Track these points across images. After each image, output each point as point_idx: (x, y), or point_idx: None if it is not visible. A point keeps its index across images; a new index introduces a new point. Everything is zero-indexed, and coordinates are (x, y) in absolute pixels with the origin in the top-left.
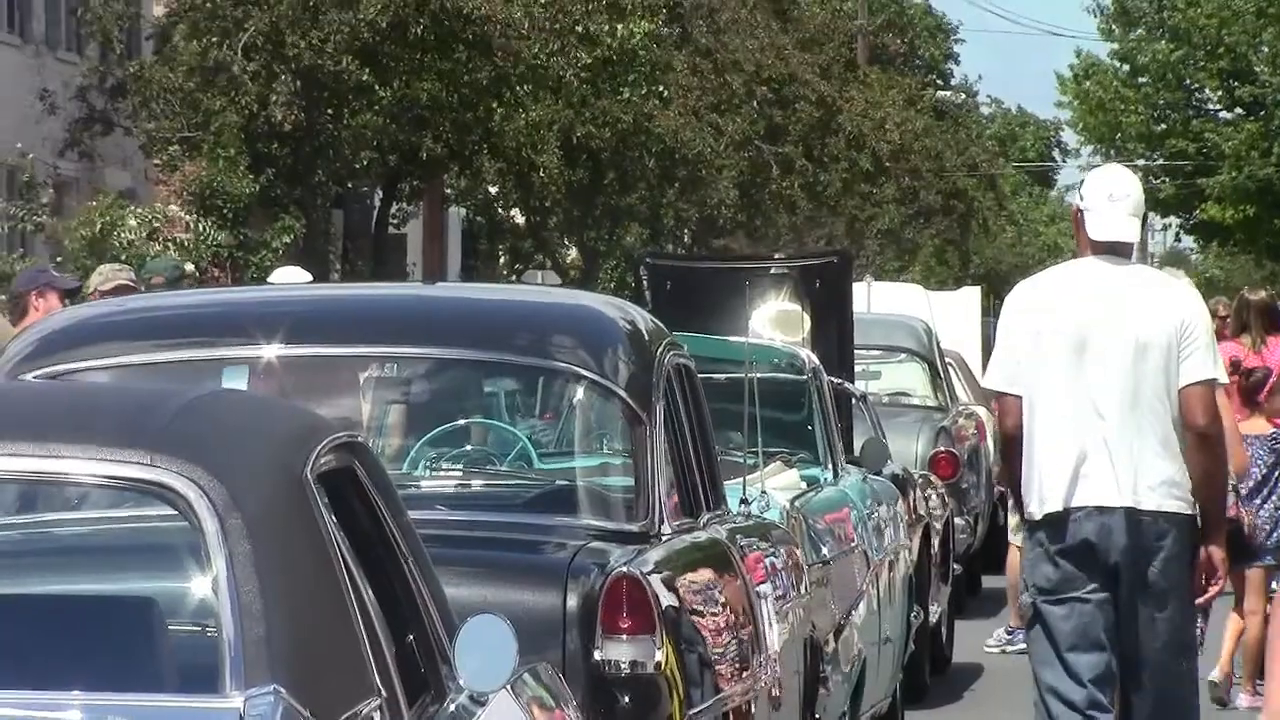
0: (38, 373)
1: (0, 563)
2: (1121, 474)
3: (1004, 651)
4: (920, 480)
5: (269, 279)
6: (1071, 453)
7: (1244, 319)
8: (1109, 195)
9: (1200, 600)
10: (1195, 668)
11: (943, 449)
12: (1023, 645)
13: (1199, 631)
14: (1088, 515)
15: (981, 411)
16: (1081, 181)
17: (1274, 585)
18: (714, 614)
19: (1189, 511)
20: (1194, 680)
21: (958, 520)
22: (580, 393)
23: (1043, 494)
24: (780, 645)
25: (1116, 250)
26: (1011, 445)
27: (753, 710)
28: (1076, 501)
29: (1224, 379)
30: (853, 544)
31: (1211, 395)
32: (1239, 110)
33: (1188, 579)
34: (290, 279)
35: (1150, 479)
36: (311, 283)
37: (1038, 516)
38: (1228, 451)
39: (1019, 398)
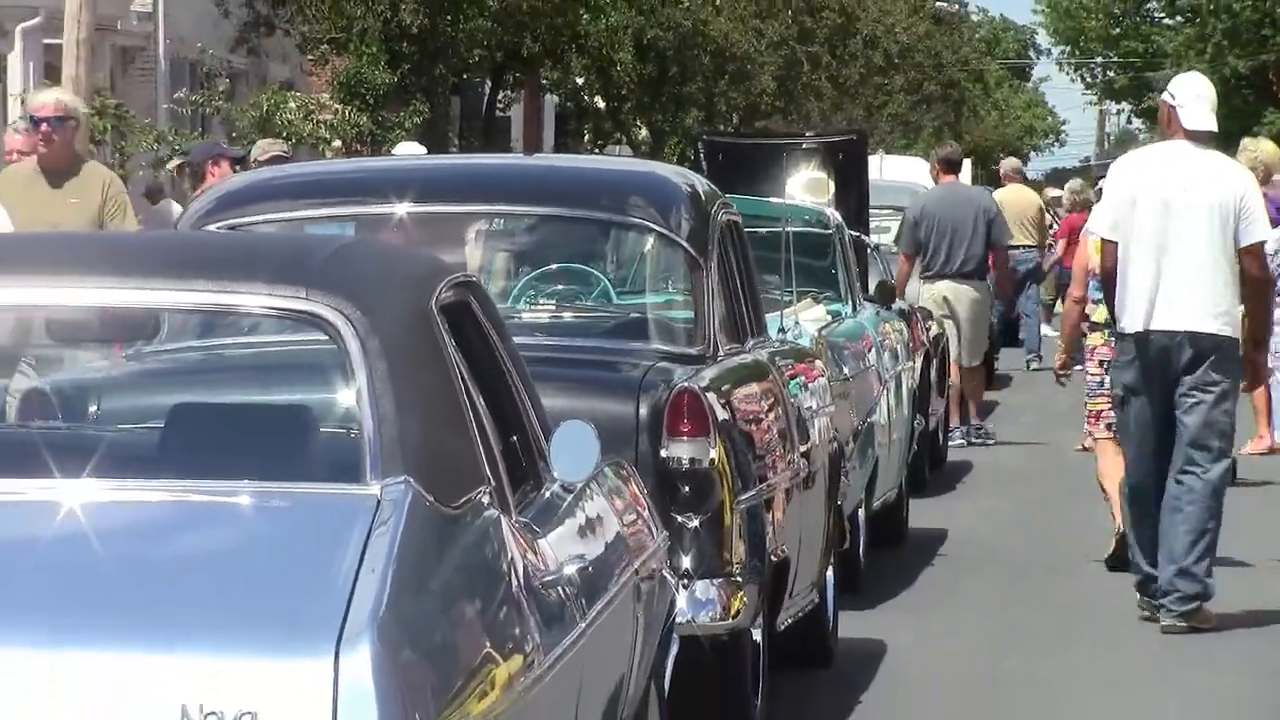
0: (216, 225)
1: (184, 379)
2: (1188, 305)
3: (969, 443)
4: (921, 313)
5: (391, 152)
6: (1152, 287)
7: None
8: (1197, 95)
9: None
10: (1228, 447)
11: None
12: (979, 439)
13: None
14: (1161, 335)
15: None
16: (1161, 84)
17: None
18: (758, 420)
19: (1235, 336)
20: (1227, 455)
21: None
22: (650, 243)
23: (1131, 316)
24: (811, 445)
25: (1199, 138)
26: (1109, 279)
27: (788, 498)
28: (1154, 325)
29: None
30: (868, 364)
31: (1262, 252)
32: (1179, 17)
33: (1231, 381)
34: (408, 152)
35: (1211, 310)
36: (427, 154)
37: (1127, 332)
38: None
39: (1116, 243)
